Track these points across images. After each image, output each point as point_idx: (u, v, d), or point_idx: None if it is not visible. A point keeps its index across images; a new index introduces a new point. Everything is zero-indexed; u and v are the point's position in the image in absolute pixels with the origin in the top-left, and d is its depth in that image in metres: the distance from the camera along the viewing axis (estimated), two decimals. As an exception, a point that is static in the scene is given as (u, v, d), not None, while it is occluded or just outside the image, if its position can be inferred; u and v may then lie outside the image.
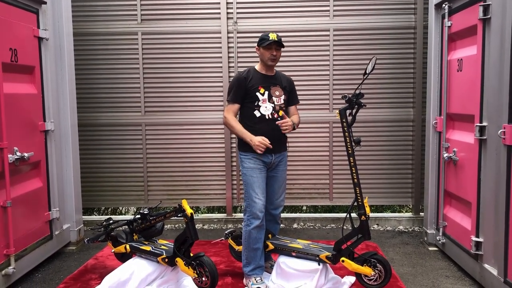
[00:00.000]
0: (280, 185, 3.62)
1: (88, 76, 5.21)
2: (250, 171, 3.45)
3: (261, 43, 3.46)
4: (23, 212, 3.74)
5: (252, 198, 3.41)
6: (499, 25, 3.23)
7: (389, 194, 5.25)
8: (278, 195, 3.63)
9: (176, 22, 5.16)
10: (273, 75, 3.57)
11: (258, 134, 3.42)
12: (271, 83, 3.50)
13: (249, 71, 3.53)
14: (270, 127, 3.46)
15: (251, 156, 3.46)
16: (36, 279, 3.83)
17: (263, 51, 3.46)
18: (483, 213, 3.50)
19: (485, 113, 3.44)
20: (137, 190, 5.34)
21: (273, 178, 3.58)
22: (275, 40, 3.41)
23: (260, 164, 3.46)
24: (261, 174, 3.46)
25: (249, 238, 3.44)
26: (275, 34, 3.45)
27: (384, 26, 5.07)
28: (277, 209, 3.66)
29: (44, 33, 4.09)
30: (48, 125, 4.14)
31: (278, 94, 3.50)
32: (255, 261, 3.47)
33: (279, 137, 3.51)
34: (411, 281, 3.69)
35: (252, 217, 3.41)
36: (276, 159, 3.53)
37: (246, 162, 3.47)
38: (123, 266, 3.40)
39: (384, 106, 5.14)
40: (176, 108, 5.24)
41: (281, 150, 3.57)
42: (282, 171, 3.61)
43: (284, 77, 3.65)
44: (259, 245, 3.46)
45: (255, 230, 3.41)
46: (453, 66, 4.00)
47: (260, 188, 3.43)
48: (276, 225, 3.72)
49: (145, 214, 3.59)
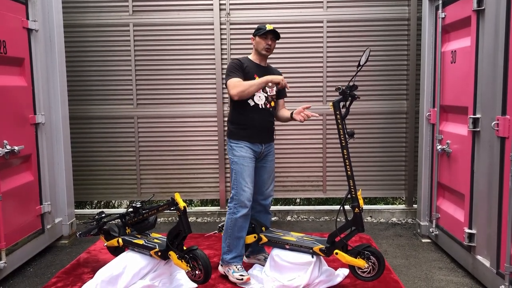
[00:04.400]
0: (269, 175, 3.64)
1: (79, 68, 5.15)
2: (241, 159, 3.45)
3: (258, 32, 3.49)
4: (14, 206, 3.71)
5: (241, 187, 3.43)
6: (493, 16, 3.22)
7: (382, 186, 5.26)
8: (268, 185, 3.65)
9: (168, 14, 5.11)
10: (266, 66, 3.60)
11: (252, 123, 3.46)
12: (265, 73, 3.50)
13: (244, 58, 3.56)
14: (263, 116, 3.49)
15: (243, 145, 3.47)
16: (28, 274, 3.80)
17: (258, 40, 3.49)
18: (476, 205, 3.52)
19: (479, 105, 3.44)
20: (130, 184, 5.31)
21: (262, 168, 3.60)
22: (271, 29, 3.46)
23: (251, 153, 3.48)
24: (251, 163, 3.48)
25: (234, 226, 3.46)
26: (271, 25, 3.50)
27: (378, 18, 5.05)
28: (267, 199, 3.68)
29: (34, 24, 4.03)
30: (39, 118, 4.09)
31: (271, 85, 3.51)
32: (237, 249, 3.50)
33: (269, 127, 3.57)
34: (404, 272, 3.70)
35: (240, 205, 3.43)
36: (265, 149, 3.56)
37: (237, 151, 3.48)
38: (116, 260, 3.37)
39: (377, 98, 5.13)
40: (169, 101, 5.20)
41: (270, 140, 3.61)
42: (271, 161, 3.64)
43: (275, 70, 3.70)
44: (243, 234, 3.50)
45: (241, 218, 3.44)
46: (447, 58, 4.00)
47: (249, 177, 3.45)
48: (267, 215, 3.73)
49: (138, 207, 3.57)
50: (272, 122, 3.60)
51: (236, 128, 3.52)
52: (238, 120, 3.51)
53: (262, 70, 3.52)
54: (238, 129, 3.51)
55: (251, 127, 3.47)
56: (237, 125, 3.52)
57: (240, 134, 3.48)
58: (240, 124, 3.50)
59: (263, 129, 3.51)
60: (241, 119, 3.49)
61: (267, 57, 3.58)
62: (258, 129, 3.49)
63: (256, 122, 3.47)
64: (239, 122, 3.51)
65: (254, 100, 3.46)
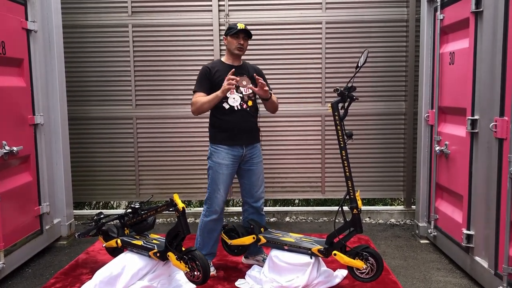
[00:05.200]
0: (258, 177, 3.62)
1: (78, 69, 5.15)
2: (217, 166, 3.47)
3: (229, 32, 3.47)
4: (12, 206, 3.70)
5: (214, 194, 3.48)
6: (491, 18, 3.23)
7: (381, 187, 5.26)
8: (257, 188, 3.63)
9: (167, 15, 5.11)
10: (240, 65, 3.56)
11: (228, 126, 3.45)
12: (237, 73, 3.45)
13: (215, 62, 3.56)
14: (240, 118, 3.45)
15: (221, 150, 3.46)
16: (26, 274, 3.80)
17: (230, 39, 3.47)
18: (474, 206, 3.52)
19: (477, 107, 3.45)
20: (129, 184, 5.31)
21: (249, 171, 3.59)
22: (242, 28, 3.42)
23: (229, 159, 3.47)
24: (228, 171, 3.48)
25: (204, 228, 3.57)
26: (243, 24, 3.46)
27: (376, 19, 5.06)
28: (258, 202, 3.66)
29: (33, 25, 4.03)
30: (38, 119, 4.09)
31: (245, 84, 3.49)
32: (208, 246, 3.58)
33: (250, 128, 3.52)
34: (402, 273, 3.71)
35: (211, 210, 3.51)
36: (247, 151, 3.53)
37: (215, 156, 3.49)
38: (115, 261, 3.37)
39: (376, 99, 5.14)
40: (168, 102, 5.20)
41: (252, 142, 3.56)
42: (257, 163, 3.61)
43: (252, 67, 3.65)
44: (213, 234, 3.58)
45: (211, 222, 3.53)
46: (445, 59, 4.00)
47: (223, 185, 3.47)
48: (260, 216, 3.73)
49: (137, 208, 3.57)
50: (252, 122, 3.53)
51: (215, 132, 3.52)
52: (216, 123, 3.51)
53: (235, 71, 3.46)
54: (217, 133, 3.51)
55: (228, 130, 3.46)
56: (215, 129, 3.52)
57: (218, 137, 3.49)
58: (218, 127, 3.50)
59: (242, 131, 3.47)
60: (218, 122, 3.48)
61: (241, 56, 3.56)
62: (236, 131, 3.46)
63: (232, 124, 3.44)
64: (216, 126, 3.51)
65: (229, 103, 3.43)
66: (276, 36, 5.06)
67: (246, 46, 3.52)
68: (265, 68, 5.16)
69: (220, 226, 3.62)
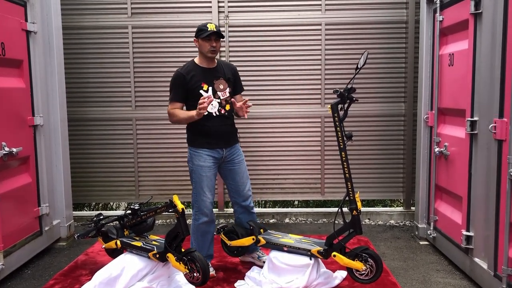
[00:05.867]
0: (242, 176, 3.63)
1: (77, 70, 5.14)
2: (199, 169, 3.46)
3: (200, 34, 3.39)
4: (12, 207, 3.70)
5: (200, 197, 3.47)
6: (490, 19, 3.23)
7: (380, 188, 5.26)
8: (243, 186, 3.64)
9: (166, 16, 5.11)
10: (214, 67, 3.51)
11: (207, 132, 3.45)
12: (214, 77, 3.44)
13: (188, 66, 3.47)
14: (219, 123, 3.46)
15: (202, 153, 3.46)
16: (25, 276, 3.80)
17: (202, 42, 3.40)
18: (473, 207, 3.52)
19: (476, 108, 3.45)
20: (128, 185, 5.30)
21: (231, 171, 3.60)
22: (214, 31, 3.35)
23: (210, 161, 3.47)
24: (210, 172, 3.48)
25: (197, 231, 3.56)
26: (213, 25, 3.40)
27: (376, 21, 5.06)
28: (246, 200, 3.68)
29: (32, 26, 4.03)
30: (37, 120, 4.09)
31: (222, 88, 3.48)
32: (204, 249, 3.57)
33: (228, 131, 3.54)
34: (402, 275, 3.70)
35: (200, 213, 3.51)
36: (227, 153, 3.55)
37: (196, 159, 3.48)
38: (114, 262, 3.37)
39: (375, 100, 5.14)
40: (167, 103, 5.17)
41: (231, 143, 3.58)
42: (239, 162, 3.62)
43: (227, 67, 3.61)
44: (207, 237, 3.58)
45: (203, 225, 3.52)
46: (445, 60, 4.01)
47: (208, 187, 3.48)
48: (251, 215, 3.73)
49: (136, 209, 3.57)
50: (230, 125, 3.54)
51: (193, 136, 3.52)
52: (195, 129, 3.50)
53: (210, 74, 3.45)
54: (196, 137, 3.50)
55: (207, 135, 3.46)
56: (194, 133, 3.52)
57: (198, 141, 3.49)
58: (197, 133, 3.49)
59: (220, 135, 3.49)
60: (197, 128, 3.47)
61: (214, 57, 3.51)
62: (215, 136, 3.47)
63: (211, 130, 3.45)
64: (195, 131, 3.50)
65: (208, 110, 3.37)
66: (276, 38, 5.06)
67: (219, 47, 3.47)
68: (264, 69, 5.18)
69: (212, 227, 3.61)
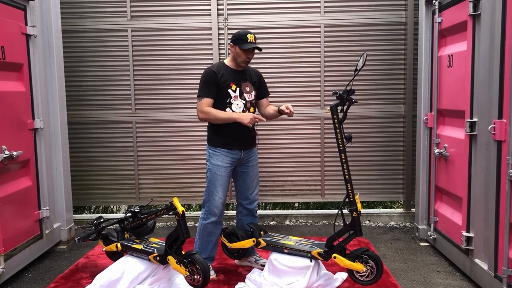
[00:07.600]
0: (253, 180, 3.67)
1: (77, 74, 5.15)
2: (216, 168, 3.49)
3: (239, 43, 3.43)
4: (12, 211, 3.70)
5: (212, 196, 3.49)
6: (488, 21, 3.24)
7: (380, 190, 5.26)
8: (252, 190, 3.68)
9: (166, 19, 5.12)
10: (243, 70, 3.57)
11: (229, 131, 3.46)
12: (242, 79, 3.50)
13: (219, 66, 3.52)
14: (240, 125, 3.45)
15: (220, 153, 3.49)
16: (26, 279, 3.80)
17: (239, 51, 3.44)
18: (473, 208, 3.53)
19: (475, 109, 3.46)
20: (128, 188, 5.31)
21: (244, 173, 3.63)
22: (255, 45, 3.42)
23: (228, 162, 3.50)
24: (226, 172, 3.51)
25: (203, 231, 3.56)
26: (253, 36, 3.44)
27: (375, 23, 5.08)
28: (252, 204, 3.71)
29: (32, 30, 4.04)
30: (37, 123, 4.10)
31: (248, 90, 3.52)
32: (207, 250, 3.58)
33: (248, 133, 3.56)
34: (402, 276, 3.70)
35: (209, 212, 3.52)
36: (245, 155, 3.59)
37: (214, 158, 3.51)
38: (115, 265, 3.37)
39: (375, 102, 5.15)
40: (167, 106, 5.21)
41: (250, 146, 3.62)
42: (253, 166, 3.66)
43: (253, 72, 3.66)
44: (212, 238, 3.58)
45: (210, 225, 3.54)
46: (444, 62, 4.02)
47: (222, 186, 3.50)
48: (254, 219, 3.76)
49: (136, 212, 3.57)
50: (250, 129, 3.56)
51: (214, 136, 3.54)
52: (216, 128, 3.52)
53: (238, 76, 3.50)
54: (216, 137, 3.53)
55: (229, 136, 3.49)
56: (215, 133, 3.54)
57: (218, 141, 3.51)
58: (218, 132, 3.51)
59: (242, 137, 3.52)
60: (219, 127, 3.49)
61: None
62: (237, 137, 3.49)
63: (234, 130, 3.46)
64: (217, 131, 3.52)
65: (232, 109, 3.46)
66: (275, 40, 5.08)
67: (252, 57, 3.54)
68: (264, 72, 5.17)
69: (219, 229, 3.62)
